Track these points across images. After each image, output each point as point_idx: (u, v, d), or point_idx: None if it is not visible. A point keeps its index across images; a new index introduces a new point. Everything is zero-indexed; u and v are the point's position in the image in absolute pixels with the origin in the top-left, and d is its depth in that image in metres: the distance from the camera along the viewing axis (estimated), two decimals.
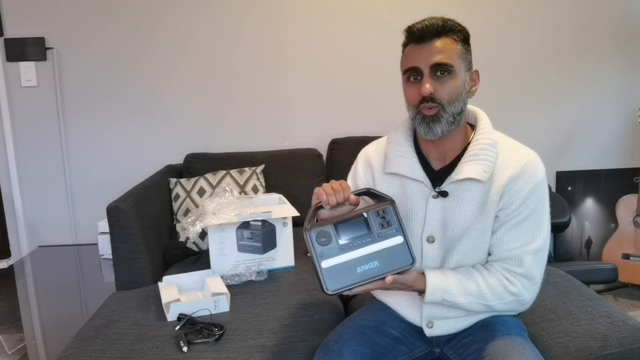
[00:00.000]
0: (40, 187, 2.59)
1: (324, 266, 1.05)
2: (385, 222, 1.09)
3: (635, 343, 1.21)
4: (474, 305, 1.15)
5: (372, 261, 1.07)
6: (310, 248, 1.06)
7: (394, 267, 1.07)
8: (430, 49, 1.10)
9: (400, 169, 1.21)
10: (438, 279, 1.14)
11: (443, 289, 1.14)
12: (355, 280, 1.06)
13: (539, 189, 1.14)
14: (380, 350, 1.19)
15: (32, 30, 2.47)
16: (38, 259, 2.53)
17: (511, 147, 1.18)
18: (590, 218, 2.68)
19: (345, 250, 1.06)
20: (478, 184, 1.14)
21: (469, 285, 1.14)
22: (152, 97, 2.55)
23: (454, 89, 1.12)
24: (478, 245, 1.17)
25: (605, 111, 2.64)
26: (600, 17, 2.56)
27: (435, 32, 1.10)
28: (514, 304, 1.16)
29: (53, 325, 1.99)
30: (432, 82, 1.11)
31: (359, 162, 1.33)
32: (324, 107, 2.59)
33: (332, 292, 1.04)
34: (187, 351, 1.33)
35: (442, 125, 1.12)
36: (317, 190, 1.13)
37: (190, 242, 2.07)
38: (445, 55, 1.10)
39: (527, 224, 1.14)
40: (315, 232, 1.07)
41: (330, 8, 2.51)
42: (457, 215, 1.16)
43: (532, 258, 1.14)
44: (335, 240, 1.07)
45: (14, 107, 2.53)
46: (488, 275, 1.15)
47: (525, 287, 1.14)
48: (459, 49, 1.12)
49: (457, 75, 1.11)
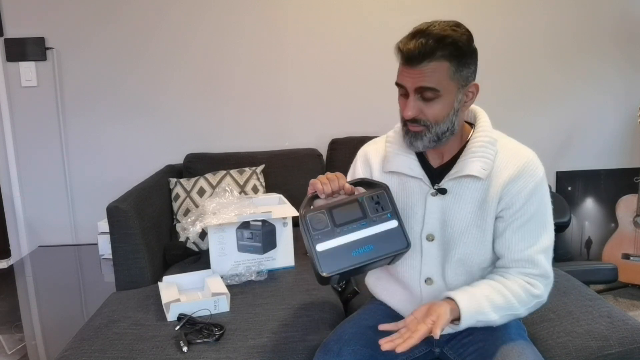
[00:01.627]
0: (40, 187, 2.59)
1: (319, 249, 1.06)
2: (380, 207, 1.09)
3: (635, 343, 1.22)
4: (505, 317, 1.12)
5: (367, 245, 1.07)
6: (305, 232, 1.07)
7: (389, 250, 1.08)
8: (418, 73, 1.07)
9: (399, 167, 1.21)
10: (469, 302, 1.09)
11: (476, 310, 1.09)
12: (350, 264, 1.06)
13: (540, 187, 1.14)
14: (380, 350, 1.18)
15: (32, 30, 2.47)
16: (38, 259, 2.53)
17: (510, 145, 1.18)
18: (590, 218, 2.68)
19: (340, 233, 1.07)
20: (477, 181, 1.14)
21: (497, 300, 1.11)
22: (152, 97, 2.55)
23: (440, 111, 1.10)
24: (480, 243, 1.17)
25: (605, 111, 2.64)
26: (600, 17, 2.56)
27: (424, 55, 1.05)
28: (536, 306, 1.16)
29: (53, 325, 1.99)
30: (418, 104, 1.10)
31: (357, 160, 1.33)
32: (324, 107, 2.59)
33: (327, 275, 1.05)
34: (187, 351, 1.33)
35: (423, 142, 1.13)
36: (312, 181, 1.14)
37: (190, 242, 2.07)
38: (432, 79, 1.06)
39: (532, 224, 1.14)
40: (311, 217, 1.08)
41: (330, 8, 2.51)
42: (456, 213, 1.16)
43: (544, 257, 1.14)
44: (330, 224, 1.07)
45: (14, 107, 2.53)
46: (509, 283, 1.13)
47: (545, 286, 1.15)
48: (451, 70, 1.07)
49: (444, 97, 1.09)
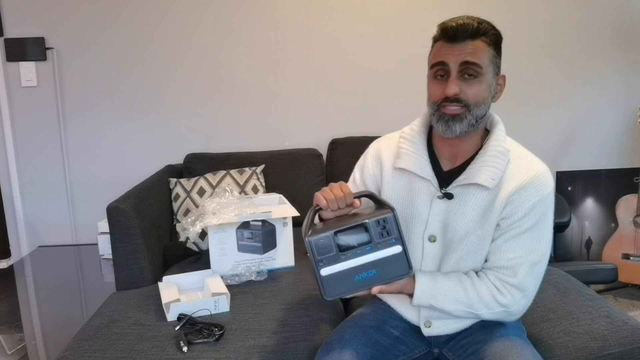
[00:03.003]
0: (40, 187, 2.59)
1: (323, 274, 1.06)
2: (385, 232, 1.08)
3: (635, 343, 1.21)
4: (461, 312, 1.15)
5: (370, 270, 1.07)
6: (309, 255, 1.07)
7: (392, 275, 1.08)
8: (462, 49, 1.09)
9: (410, 165, 1.20)
10: (427, 285, 1.14)
11: (431, 295, 1.13)
12: (353, 288, 1.07)
13: (544, 202, 1.13)
14: (381, 349, 1.19)
15: (32, 30, 2.47)
16: (38, 259, 2.53)
17: (523, 157, 1.17)
18: (590, 218, 2.68)
19: (345, 259, 1.06)
20: (484, 190, 1.14)
21: (457, 292, 1.13)
22: (152, 97, 2.55)
23: (480, 92, 1.10)
24: (475, 251, 1.17)
25: (605, 111, 2.64)
26: (600, 17, 2.55)
27: (469, 33, 1.09)
28: (502, 314, 1.15)
29: (53, 325, 1.99)
30: (459, 83, 1.09)
31: (369, 154, 1.32)
32: (324, 107, 2.59)
33: (330, 299, 1.07)
34: (187, 351, 1.33)
35: (462, 125, 1.11)
36: (317, 195, 1.12)
37: (190, 242, 2.07)
38: (477, 56, 1.09)
39: (527, 236, 1.13)
40: (315, 240, 1.06)
41: (330, 8, 2.51)
42: (458, 219, 1.16)
43: (527, 270, 1.13)
44: (335, 249, 1.06)
45: (14, 107, 2.53)
46: (479, 283, 1.14)
47: (516, 298, 1.13)
48: (490, 53, 1.11)
49: (484, 78, 1.10)
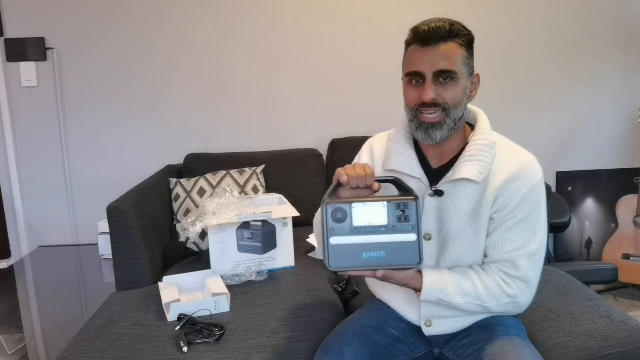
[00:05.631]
0: (40, 187, 2.59)
1: (332, 242, 1.04)
2: (404, 217, 1.05)
3: (635, 343, 1.21)
4: (470, 305, 1.15)
5: (380, 250, 1.04)
6: (323, 221, 1.04)
7: (399, 262, 1.05)
8: (435, 53, 1.09)
9: (399, 166, 1.21)
10: (435, 278, 1.14)
11: (439, 289, 1.13)
12: (358, 264, 1.04)
13: (535, 191, 1.14)
14: (380, 349, 1.19)
15: (32, 30, 2.47)
16: (38, 259, 2.53)
17: (509, 149, 1.18)
18: (590, 218, 2.68)
19: (357, 232, 1.04)
20: (473, 184, 1.15)
21: (465, 285, 1.14)
22: (152, 97, 2.55)
23: (456, 94, 1.11)
24: (473, 245, 1.17)
25: (605, 111, 2.64)
26: (600, 17, 2.56)
27: (441, 36, 1.09)
28: (510, 306, 1.16)
29: (53, 325, 1.99)
30: (434, 88, 1.11)
31: (363, 151, 1.33)
32: (324, 107, 2.59)
33: (334, 269, 1.04)
34: (187, 351, 1.33)
35: (442, 132, 1.13)
36: (338, 171, 1.09)
37: (190, 242, 2.07)
38: (449, 62, 1.09)
39: (522, 227, 1.14)
40: (332, 207, 1.04)
41: (329, 8, 2.51)
42: (451, 214, 1.17)
43: (527, 261, 1.14)
44: (350, 220, 1.04)
45: (14, 107, 2.53)
46: (485, 275, 1.15)
47: (521, 289, 1.14)
48: (463, 55, 1.11)
49: (459, 81, 1.11)
